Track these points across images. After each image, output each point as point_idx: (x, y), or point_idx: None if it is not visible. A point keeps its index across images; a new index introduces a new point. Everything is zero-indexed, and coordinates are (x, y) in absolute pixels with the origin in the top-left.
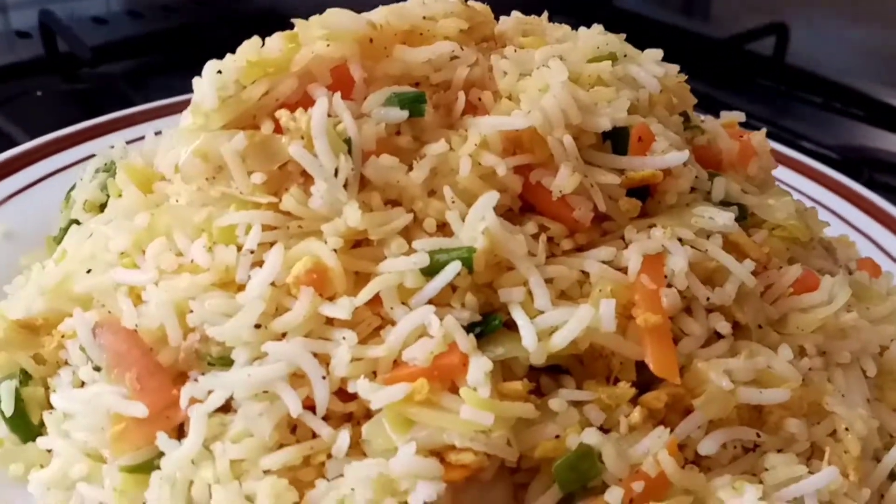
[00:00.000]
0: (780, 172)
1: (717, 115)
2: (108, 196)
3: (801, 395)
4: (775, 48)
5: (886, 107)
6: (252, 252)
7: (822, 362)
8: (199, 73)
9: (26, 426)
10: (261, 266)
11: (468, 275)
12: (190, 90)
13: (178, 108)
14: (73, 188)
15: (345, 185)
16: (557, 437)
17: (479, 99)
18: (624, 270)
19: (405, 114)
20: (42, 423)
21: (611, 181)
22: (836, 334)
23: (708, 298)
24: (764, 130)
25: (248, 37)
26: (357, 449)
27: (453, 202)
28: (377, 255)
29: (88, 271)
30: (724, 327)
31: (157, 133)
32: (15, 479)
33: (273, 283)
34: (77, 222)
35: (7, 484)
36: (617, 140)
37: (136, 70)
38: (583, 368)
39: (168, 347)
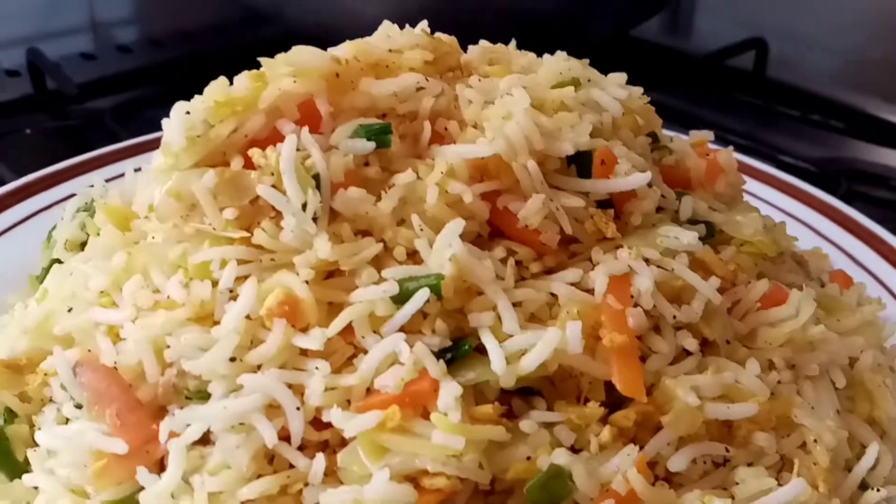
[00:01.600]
0: (754, 187)
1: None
2: (88, 235)
3: (770, 409)
4: (755, 63)
5: (866, 117)
6: (230, 290)
7: (791, 375)
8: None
9: (11, 464)
10: (235, 299)
11: (437, 301)
12: None
13: (159, 144)
14: (54, 228)
15: (315, 219)
16: (529, 458)
17: (446, 128)
18: (591, 292)
19: (372, 145)
20: (27, 461)
21: (576, 204)
22: (804, 347)
23: (675, 316)
24: (731, 148)
25: (236, 71)
26: (333, 476)
27: (422, 230)
28: (349, 286)
29: (70, 310)
30: (691, 344)
31: (137, 169)
32: None
33: (248, 317)
34: (59, 261)
35: None
36: (581, 164)
37: (124, 105)
38: (553, 389)
39: (147, 383)
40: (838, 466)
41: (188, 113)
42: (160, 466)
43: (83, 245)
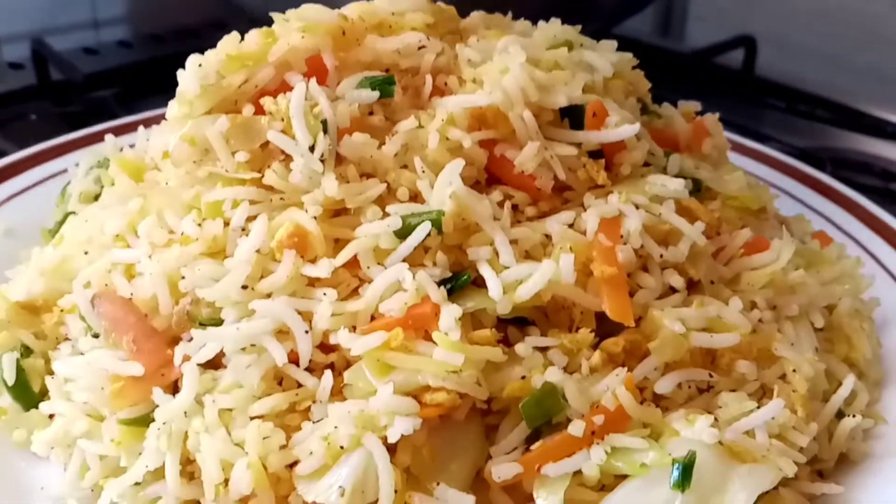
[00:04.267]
0: (740, 161)
1: None
2: (102, 188)
3: (751, 341)
4: (744, 61)
5: (851, 110)
6: (242, 229)
7: (772, 315)
8: None
9: (28, 394)
10: (247, 235)
11: (438, 236)
12: None
13: None
14: (68, 184)
15: (322, 161)
16: (523, 377)
17: (445, 83)
18: (583, 233)
19: (376, 94)
20: (42, 392)
21: (569, 153)
22: (784, 290)
23: (661, 255)
24: (717, 114)
25: None
26: (339, 396)
27: (423, 172)
28: (354, 223)
29: (86, 253)
30: (677, 281)
31: (132, 146)
32: (18, 444)
33: (258, 251)
34: (73, 213)
35: (11, 449)
36: (573, 116)
37: (127, 93)
38: (547, 320)
39: (161, 314)
40: (816, 396)
41: (201, 66)
42: (174, 389)
43: (97, 197)
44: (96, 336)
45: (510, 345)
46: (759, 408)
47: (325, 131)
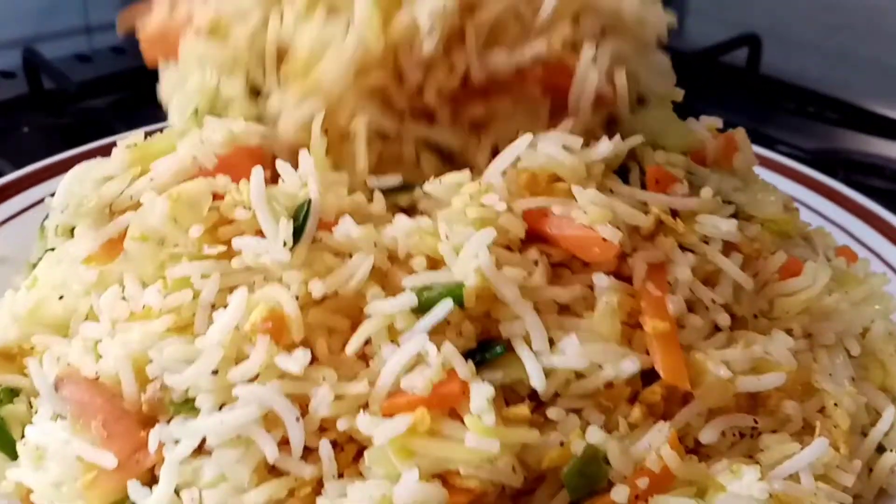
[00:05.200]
0: (758, 171)
1: None
2: None
3: (795, 378)
4: (748, 59)
5: (860, 110)
6: (213, 305)
7: (806, 344)
8: None
9: (8, 444)
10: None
11: (460, 311)
12: None
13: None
14: (46, 218)
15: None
16: (562, 443)
17: None
18: (628, 280)
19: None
20: None
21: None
22: (820, 316)
23: (713, 300)
24: (742, 129)
25: None
26: (353, 468)
27: (447, 238)
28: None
29: (60, 298)
30: (724, 320)
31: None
32: (5, 495)
33: (237, 328)
34: (53, 250)
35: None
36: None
37: (122, 102)
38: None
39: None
40: (856, 430)
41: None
42: (151, 474)
43: (73, 231)
44: (62, 417)
45: (540, 406)
46: (802, 447)
47: (304, 216)
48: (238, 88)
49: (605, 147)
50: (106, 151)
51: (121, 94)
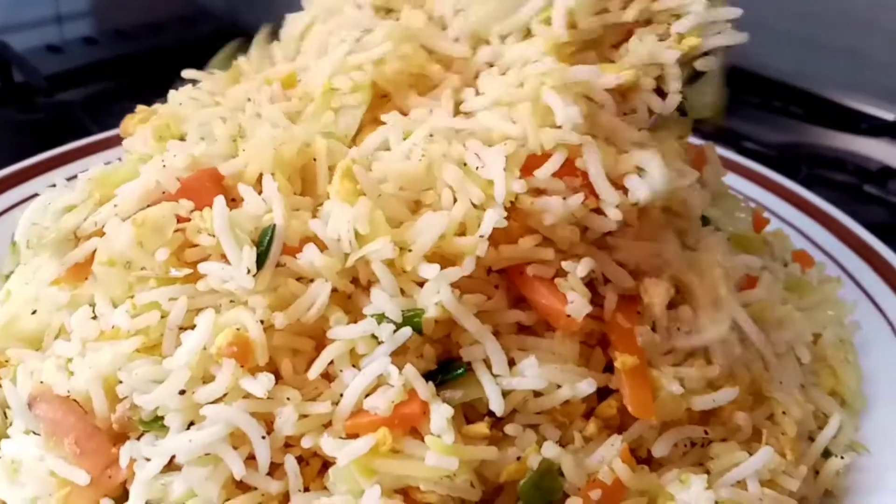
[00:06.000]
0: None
1: None
2: None
3: (746, 389)
4: None
5: (826, 102)
6: (181, 329)
7: (757, 352)
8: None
9: None
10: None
11: (419, 336)
12: None
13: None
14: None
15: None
16: (518, 458)
17: None
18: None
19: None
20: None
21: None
22: (772, 326)
23: (678, 328)
24: (713, 144)
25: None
26: (318, 483)
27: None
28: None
29: (33, 313)
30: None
31: (107, 163)
32: None
33: (205, 348)
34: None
35: None
36: None
37: (94, 97)
38: None
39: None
40: (803, 436)
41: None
42: (123, 489)
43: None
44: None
45: (499, 421)
46: (749, 454)
47: (269, 241)
48: None
49: None
50: (80, 154)
51: (93, 87)
